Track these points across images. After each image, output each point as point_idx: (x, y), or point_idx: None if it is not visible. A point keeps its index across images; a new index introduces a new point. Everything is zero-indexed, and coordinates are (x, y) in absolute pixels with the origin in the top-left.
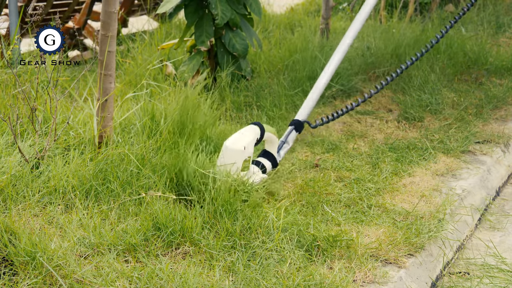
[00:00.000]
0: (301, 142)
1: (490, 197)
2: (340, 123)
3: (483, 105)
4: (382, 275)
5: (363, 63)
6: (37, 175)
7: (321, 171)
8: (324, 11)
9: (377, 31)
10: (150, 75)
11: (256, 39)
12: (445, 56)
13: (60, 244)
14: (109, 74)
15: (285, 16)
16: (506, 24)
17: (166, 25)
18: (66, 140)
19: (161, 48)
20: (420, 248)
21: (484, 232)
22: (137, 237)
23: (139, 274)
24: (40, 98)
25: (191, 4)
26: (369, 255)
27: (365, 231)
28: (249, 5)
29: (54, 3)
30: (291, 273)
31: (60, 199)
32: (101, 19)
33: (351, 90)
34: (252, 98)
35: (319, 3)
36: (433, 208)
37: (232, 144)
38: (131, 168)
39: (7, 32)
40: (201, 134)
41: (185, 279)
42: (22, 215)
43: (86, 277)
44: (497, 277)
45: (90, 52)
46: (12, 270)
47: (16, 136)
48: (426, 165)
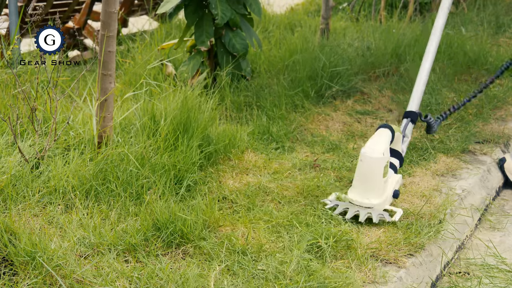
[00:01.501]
0: (301, 142)
1: (490, 197)
2: (340, 123)
3: (483, 105)
4: (382, 275)
5: (363, 63)
6: (37, 175)
7: (321, 171)
8: (324, 11)
9: (377, 31)
10: (150, 74)
11: (256, 39)
12: (445, 56)
13: (60, 244)
14: (109, 74)
15: (285, 16)
16: (506, 24)
17: (166, 25)
18: (66, 140)
19: (161, 48)
20: (420, 248)
21: (484, 232)
22: (137, 237)
23: (139, 274)
24: (40, 98)
25: (191, 4)
26: (369, 255)
27: (365, 231)
28: (249, 5)
29: (54, 3)
30: (291, 273)
31: (60, 199)
32: (101, 19)
33: (351, 90)
34: (252, 98)
35: (319, 3)
36: (433, 208)
37: (370, 152)
38: (131, 168)
39: (7, 32)
40: (201, 134)
41: (185, 279)
42: (22, 215)
43: (86, 277)
44: (497, 277)
45: (90, 52)
46: (12, 270)
47: (16, 136)
48: (426, 165)
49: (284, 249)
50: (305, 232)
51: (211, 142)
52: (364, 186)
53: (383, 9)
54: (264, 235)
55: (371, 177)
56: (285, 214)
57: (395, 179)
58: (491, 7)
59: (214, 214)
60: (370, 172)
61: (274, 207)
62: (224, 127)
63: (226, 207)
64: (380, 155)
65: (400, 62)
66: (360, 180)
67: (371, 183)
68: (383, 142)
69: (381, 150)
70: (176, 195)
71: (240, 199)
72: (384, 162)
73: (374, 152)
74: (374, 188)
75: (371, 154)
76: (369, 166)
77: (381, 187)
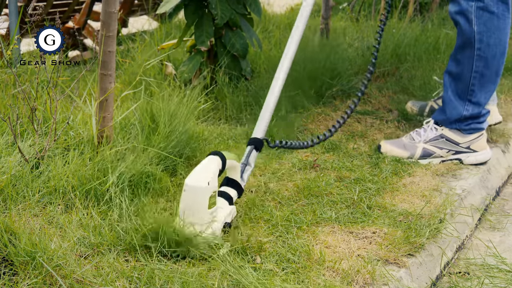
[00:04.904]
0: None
1: (490, 197)
2: None
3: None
4: (382, 275)
5: (363, 63)
6: (37, 175)
7: (321, 171)
8: (324, 11)
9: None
10: (150, 74)
11: (256, 39)
12: (445, 56)
13: (60, 244)
14: (108, 74)
15: (285, 16)
16: None
17: (166, 25)
18: (66, 140)
19: (161, 48)
20: (420, 248)
21: (484, 232)
22: (137, 237)
23: (139, 274)
24: (40, 98)
25: (191, 4)
26: (369, 255)
27: (365, 231)
28: (249, 5)
29: (54, 3)
30: (292, 273)
31: (60, 199)
32: (101, 19)
33: (351, 90)
34: (252, 98)
35: (319, 3)
36: (433, 208)
37: (194, 181)
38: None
39: (7, 32)
40: (199, 134)
41: (185, 279)
42: (22, 215)
43: (86, 277)
44: (497, 277)
45: (90, 52)
46: (12, 270)
47: (16, 136)
48: (426, 165)
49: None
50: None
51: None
52: (188, 219)
53: (383, 9)
54: (264, 234)
55: (196, 208)
56: (285, 214)
57: (227, 211)
58: None
59: None
60: (194, 203)
61: (274, 206)
62: (224, 127)
63: None
64: (204, 184)
65: (400, 62)
66: (184, 212)
67: (196, 215)
68: (209, 171)
69: (206, 179)
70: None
71: (240, 198)
72: (209, 192)
73: (198, 181)
74: (199, 220)
75: (194, 183)
76: (192, 196)
77: (206, 219)
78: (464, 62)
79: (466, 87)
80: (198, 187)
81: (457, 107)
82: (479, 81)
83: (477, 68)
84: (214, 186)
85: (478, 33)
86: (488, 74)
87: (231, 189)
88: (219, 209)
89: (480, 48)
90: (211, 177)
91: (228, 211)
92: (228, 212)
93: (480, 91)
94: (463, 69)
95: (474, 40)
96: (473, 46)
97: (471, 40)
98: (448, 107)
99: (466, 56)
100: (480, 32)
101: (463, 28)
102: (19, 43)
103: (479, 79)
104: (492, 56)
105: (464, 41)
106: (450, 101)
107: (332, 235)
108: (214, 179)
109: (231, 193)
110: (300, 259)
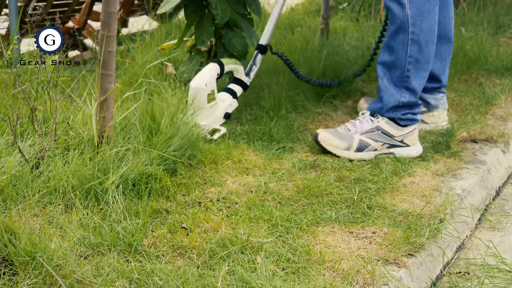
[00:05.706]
0: (301, 141)
1: (490, 197)
2: (340, 123)
3: (483, 105)
4: (382, 275)
5: (363, 63)
6: (37, 175)
7: (321, 171)
8: (324, 11)
9: (377, 31)
10: (150, 74)
11: (256, 39)
12: None
13: (60, 244)
14: (108, 74)
15: (285, 16)
16: (506, 24)
17: (166, 25)
18: (66, 140)
19: (161, 49)
20: (420, 248)
21: (484, 232)
22: (137, 237)
23: (139, 274)
24: (40, 98)
25: (191, 4)
26: (369, 255)
27: (365, 231)
28: (249, 5)
29: (54, 3)
30: (292, 273)
31: (60, 199)
32: (101, 19)
33: (351, 90)
34: (252, 98)
35: (319, 3)
36: (433, 208)
37: (195, 83)
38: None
39: (7, 32)
40: (200, 134)
41: (185, 279)
42: (22, 215)
43: (86, 277)
44: (497, 277)
45: (90, 52)
46: (12, 270)
47: (16, 136)
48: (426, 165)
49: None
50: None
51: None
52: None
53: (383, 9)
54: (264, 234)
55: (197, 104)
56: (285, 214)
57: (227, 103)
58: (491, 7)
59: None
60: (196, 99)
61: (274, 206)
62: (223, 126)
63: (225, 206)
64: (202, 85)
65: None
66: (192, 106)
67: (197, 107)
68: (206, 75)
69: (204, 81)
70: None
71: (240, 198)
72: (206, 91)
73: (196, 83)
74: (201, 112)
75: (194, 84)
76: (194, 95)
77: (207, 111)
78: (398, 48)
79: (402, 74)
80: (197, 88)
81: (394, 94)
82: (413, 67)
83: (411, 53)
84: (212, 87)
85: (411, 17)
86: (422, 60)
87: (236, 86)
88: (220, 102)
89: (414, 32)
90: (209, 79)
91: (228, 103)
92: (229, 104)
93: (415, 77)
94: (398, 56)
95: (408, 24)
96: (406, 31)
97: (405, 24)
98: (385, 95)
99: (400, 41)
100: (413, 16)
101: (396, 13)
102: (19, 43)
103: (414, 64)
104: (425, 41)
105: (398, 26)
106: (386, 88)
107: (332, 235)
108: (211, 81)
109: (235, 88)
110: (300, 259)
